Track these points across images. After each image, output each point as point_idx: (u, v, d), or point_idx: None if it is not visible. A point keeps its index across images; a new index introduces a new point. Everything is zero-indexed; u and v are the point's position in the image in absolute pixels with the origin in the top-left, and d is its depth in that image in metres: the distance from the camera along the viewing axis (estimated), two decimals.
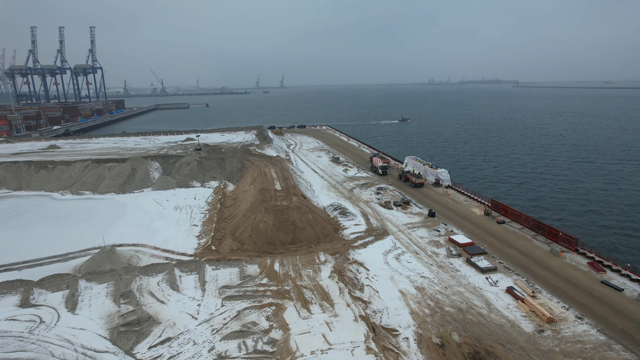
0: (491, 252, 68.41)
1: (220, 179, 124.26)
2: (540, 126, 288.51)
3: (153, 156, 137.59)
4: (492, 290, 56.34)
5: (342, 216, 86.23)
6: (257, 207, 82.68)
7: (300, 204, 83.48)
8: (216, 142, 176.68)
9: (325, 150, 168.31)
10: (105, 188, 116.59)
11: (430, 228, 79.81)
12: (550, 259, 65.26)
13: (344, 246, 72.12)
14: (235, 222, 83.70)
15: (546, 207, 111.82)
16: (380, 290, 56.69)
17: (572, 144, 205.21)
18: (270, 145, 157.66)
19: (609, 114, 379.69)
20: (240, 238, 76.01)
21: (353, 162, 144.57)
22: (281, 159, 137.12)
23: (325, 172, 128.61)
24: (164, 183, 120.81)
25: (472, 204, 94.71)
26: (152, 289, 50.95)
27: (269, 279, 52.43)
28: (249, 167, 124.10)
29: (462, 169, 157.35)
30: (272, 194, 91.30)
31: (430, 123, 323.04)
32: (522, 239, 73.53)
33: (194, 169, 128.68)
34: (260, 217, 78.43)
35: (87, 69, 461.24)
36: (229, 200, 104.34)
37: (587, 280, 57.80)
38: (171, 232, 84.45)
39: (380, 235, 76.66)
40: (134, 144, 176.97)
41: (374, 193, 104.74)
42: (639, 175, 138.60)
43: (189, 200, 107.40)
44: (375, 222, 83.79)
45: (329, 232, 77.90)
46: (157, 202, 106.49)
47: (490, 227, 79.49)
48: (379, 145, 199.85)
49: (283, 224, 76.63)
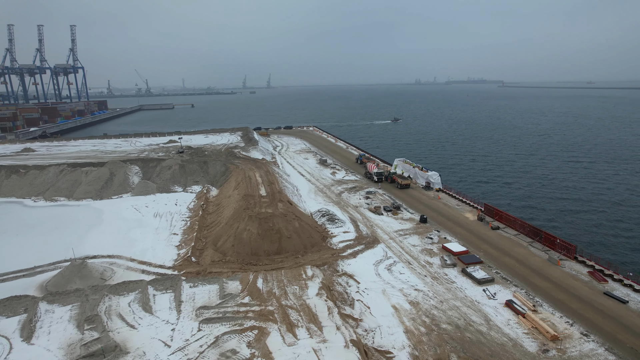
0: (487, 261, 65.09)
1: (203, 183, 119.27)
2: (527, 126, 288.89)
3: (133, 160, 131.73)
4: (490, 304, 52.90)
5: (330, 223, 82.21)
6: (240, 214, 78.13)
7: (286, 211, 79.19)
8: (200, 144, 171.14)
9: (313, 152, 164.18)
10: (82, 194, 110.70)
11: (422, 235, 76.27)
12: (548, 267, 62.18)
13: (333, 256, 68.08)
14: (218, 230, 79.08)
15: (534, 206, 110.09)
16: (371, 305, 52.80)
17: (558, 144, 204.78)
18: (256, 147, 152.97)
19: (592, 113, 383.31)
20: (223, 248, 71.43)
21: (341, 164, 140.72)
22: (267, 162, 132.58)
23: (312, 175, 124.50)
24: (144, 188, 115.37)
25: (464, 208, 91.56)
26: (122, 310, 46.12)
27: (252, 298, 48.07)
28: (233, 171, 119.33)
29: (449, 169, 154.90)
30: (256, 200, 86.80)
31: (418, 123, 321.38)
32: (519, 246, 70.41)
33: (176, 173, 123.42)
34: (243, 225, 73.94)
35: (68, 68, 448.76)
36: (212, 206, 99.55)
37: (589, 292, 54.76)
38: (149, 241, 79.56)
39: (371, 244, 72.83)
40: (114, 146, 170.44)
41: (363, 197, 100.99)
42: (626, 174, 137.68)
43: (170, 206, 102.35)
44: (365, 229, 79.97)
45: (317, 241, 73.81)
46: (136, 208, 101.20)
47: (485, 234, 76.28)
48: (366, 146, 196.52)
49: (268, 232, 72.28)
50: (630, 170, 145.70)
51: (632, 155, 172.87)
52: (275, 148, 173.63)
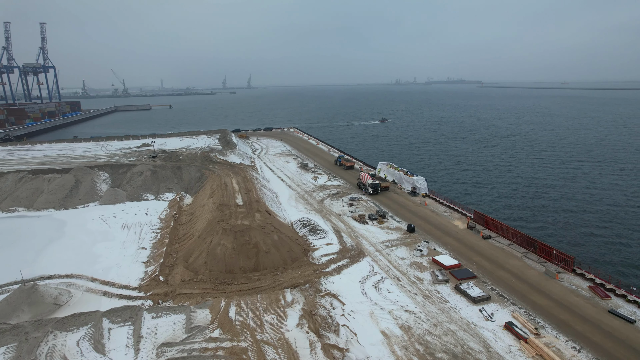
0: (481, 276, 60.52)
1: (176, 190, 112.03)
2: (507, 126, 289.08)
3: (101, 165, 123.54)
4: (488, 327, 48.15)
5: (312, 234, 76.55)
6: (214, 227, 71.75)
7: (264, 223, 73.17)
8: (175, 147, 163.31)
9: (293, 155, 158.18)
10: (43, 203, 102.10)
11: (410, 246, 71.34)
12: (546, 282, 57.95)
13: (315, 273, 62.45)
14: (189, 244, 72.51)
15: (516, 205, 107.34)
16: (359, 331, 47.40)
17: (539, 145, 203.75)
18: (234, 151, 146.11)
19: (569, 113, 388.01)
20: (194, 265, 65.00)
21: (323, 168, 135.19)
22: (245, 167, 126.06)
23: (293, 181, 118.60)
24: (113, 196, 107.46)
25: (453, 215, 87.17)
26: (68, 352, 39.42)
27: (222, 331, 42.01)
28: (208, 177, 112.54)
29: (431, 169, 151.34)
30: (232, 210, 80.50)
31: (399, 124, 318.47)
32: (513, 257, 66.15)
33: (147, 179, 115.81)
34: (217, 239, 67.63)
35: (38, 68, 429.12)
36: (185, 216, 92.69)
37: (592, 310, 50.60)
38: (115, 257, 72.58)
39: (356, 257, 67.50)
40: (84, 150, 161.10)
41: (346, 204, 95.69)
42: (608, 175, 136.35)
43: (140, 216, 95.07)
44: (349, 240, 74.59)
45: (298, 255, 68.07)
46: (102, 219, 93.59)
47: (476, 244, 71.84)
48: (347, 148, 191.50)
49: (244, 247, 66.20)
50: (615, 170, 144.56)
51: (615, 156, 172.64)
52: (254, 151, 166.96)
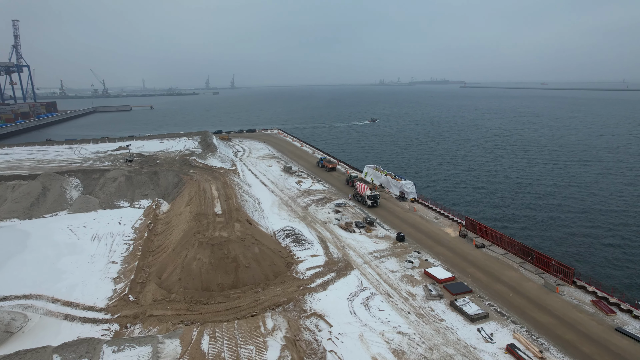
0: (477, 290, 56.74)
1: (152, 197, 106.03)
2: (491, 126, 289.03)
3: (72, 171, 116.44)
4: (489, 350, 44.24)
5: (296, 245, 71.85)
6: (189, 240, 66.42)
7: (244, 234, 68.14)
8: (153, 151, 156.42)
9: (277, 158, 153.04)
10: (6, 213, 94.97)
11: (400, 257, 67.24)
12: (546, 296, 54.45)
13: (300, 289, 57.78)
14: (164, 258, 67.06)
15: (505, 206, 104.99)
16: (347, 358, 42.97)
17: (525, 145, 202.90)
18: (214, 154, 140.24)
19: (551, 113, 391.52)
20: (168, 283, 59.65)
21: (307, 171, 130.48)
22: (225, 171, 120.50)
23: (276, 185, 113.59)
24: (84, 204, 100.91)
25: (443, 222, 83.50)
26: None
27: None
28: (186, 183, 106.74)
29: (416, 172, 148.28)
30: (210, 219, 75.19)
31: (384, 124, 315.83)
32: (509, 268, 62.61)
33: (122, 185, 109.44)
34: (193, 253, 62.37)
35: (11, 67, 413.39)
36: (161, 225, 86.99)
37: (598, 328, 47.18)
38: (81, 273, 66.80)
39: (343, 270, 63.09)
40: (55, 154, 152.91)
41: (332, 211, 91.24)
42: (599, 175, 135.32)
43: (112, 225, 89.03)
44: (335, 251, 70.13)
45: (281, 269, 63.30)
46: (71, 229, 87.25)
47: (470, 254, 68.18)
48: (330, 149, 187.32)
49: (222, 262, 61.13)
50: (603, 172, 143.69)
51: (599, 156, 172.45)
52: (236, 154, 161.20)
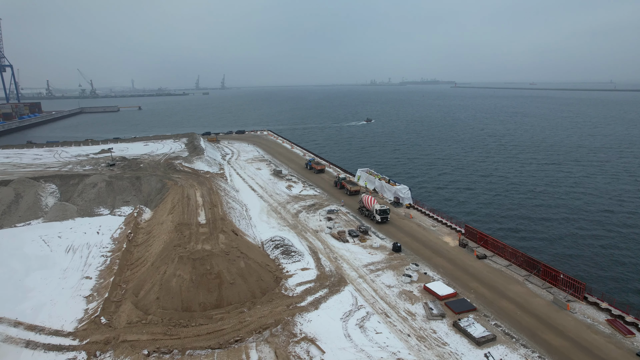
0: (481, 307, 52.50)
1: (134, 203, 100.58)
2: (483, 126, 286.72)
3: (49, 176, 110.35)
4: None
5: (285, 257, 67.13)
6: (169, 254, 61.33)
7: (229, 247, 63.23)
8: (137, 154, 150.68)
9: (266, 160, 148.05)
10: None
11: (398, 270, 62.87)
12: (557, 314, 50.35)
13: (289, 308, 53.04)
14: (142, 274, 61.88)
15: (500, 210, 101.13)
16: None
17: (520, 146, 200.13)
18: (201, 158, 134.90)
19: (543, 114, 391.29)
20: (144, 302, 54.54)
21: (298, 175, 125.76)
22: (212, 176, 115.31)
23: (265, 190, 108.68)
24: (61, 212, 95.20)
25: (441, 230, 79.31)
26: None
27: None
28: (170, 188, 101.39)
29: (406, 173, 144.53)
30: (193, 230, 70.15)
31: (377, 125, 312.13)
32: (514, 282, 58.52)
33: (102, 191, 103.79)
34: (172, 269, 57.31)
35: None
36: (142, 235, 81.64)
37: (617, 353, 43.10)
38: (50, 291, 61.51)
39: (336, 286, 58.52)
40: (33, 158, 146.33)
41: (324, 218, 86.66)
42: (598, 179, 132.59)
43: (90, 235, 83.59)
44: (328, 263, 65.54)
45: (269, 285, 58.51)
46: (44, 240, 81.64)
47: (471, 265, 64.03)
48: (320, 151, 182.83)
49: (204, 278, 56.19)
50: (605, 175, 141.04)
51: (594, 156, 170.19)
52: (224, 157, 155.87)
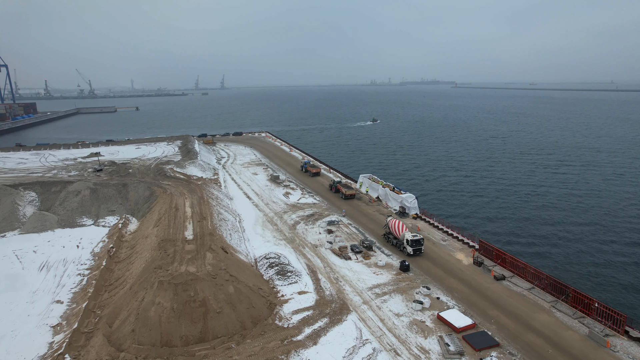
0: (505, 342, 45.29)
1: (120, 213, 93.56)
2: (485, 126, 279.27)
3: (29, 183, 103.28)
4: None
5: (280, 278, 59.98)
6: (149, 276, 54.14)
7: (217, 269, 56.01)
8: (128, 157, 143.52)
9: (264, 164, 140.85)
10: None
11: (407, 294, 55.69)
12: (595, 352, 43.18)
13: (283, 344, 45.81)
14: (118, 299, 54.71)
15: (510, 217, 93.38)
16: None
17: (530, 148, 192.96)
18: (194, 162, 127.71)
19: (548, 115, 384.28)
20: (119, 335, 47.37)
21: (296, 181, 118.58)
22: (205, 182, 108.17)
23: (261, 198, 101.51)
24: (40, 222, 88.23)
25: (453, 244, 72.10)
26: None
27: None
28: (159, 196, 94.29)
29: (408, 178, 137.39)
30: (178, 247, 62.97)
31: (377, 125, 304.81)
32: (540, 310, 51.30)
33: (86, 199, 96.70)
34: (151, 296, 50.10)
35: None
36: (125, 250, 74.52)
37: None
38: (14, 318, 54.60)
39: (338, 315, 51.33)
40: (17, 162, 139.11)
41: (323, 230, 79.49)
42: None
43: (69, 249, 76.54)
44: (328, 286, 58.37)
45: (261, 313, 51.31)
46: (17, 255, 74.63)
47: (488, 288, 56.84)
48: (318, 153, 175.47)
49: (187, 306, 49.00)
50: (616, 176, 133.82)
51: (600, 160, 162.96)
52: (219, 160, 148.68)
